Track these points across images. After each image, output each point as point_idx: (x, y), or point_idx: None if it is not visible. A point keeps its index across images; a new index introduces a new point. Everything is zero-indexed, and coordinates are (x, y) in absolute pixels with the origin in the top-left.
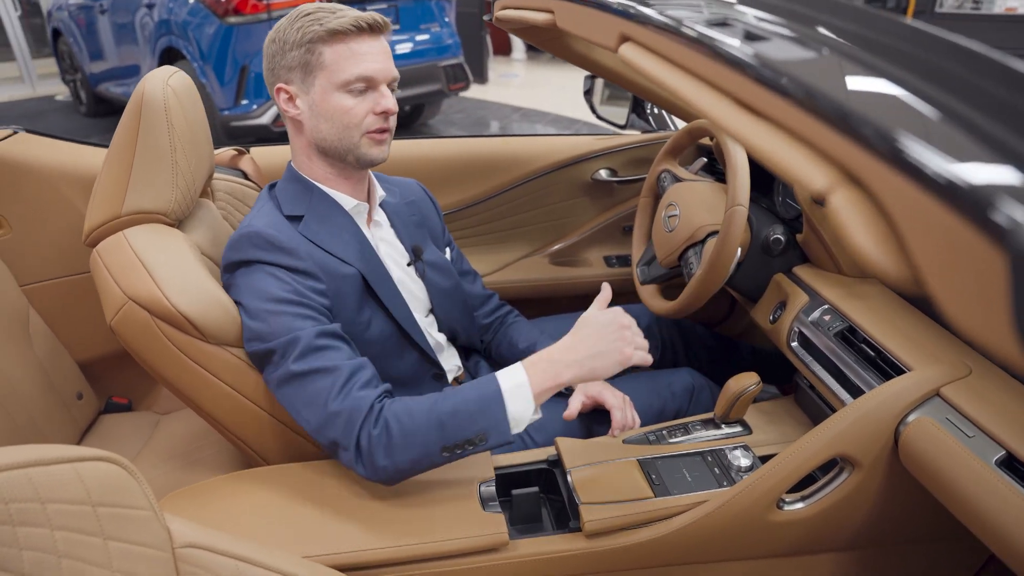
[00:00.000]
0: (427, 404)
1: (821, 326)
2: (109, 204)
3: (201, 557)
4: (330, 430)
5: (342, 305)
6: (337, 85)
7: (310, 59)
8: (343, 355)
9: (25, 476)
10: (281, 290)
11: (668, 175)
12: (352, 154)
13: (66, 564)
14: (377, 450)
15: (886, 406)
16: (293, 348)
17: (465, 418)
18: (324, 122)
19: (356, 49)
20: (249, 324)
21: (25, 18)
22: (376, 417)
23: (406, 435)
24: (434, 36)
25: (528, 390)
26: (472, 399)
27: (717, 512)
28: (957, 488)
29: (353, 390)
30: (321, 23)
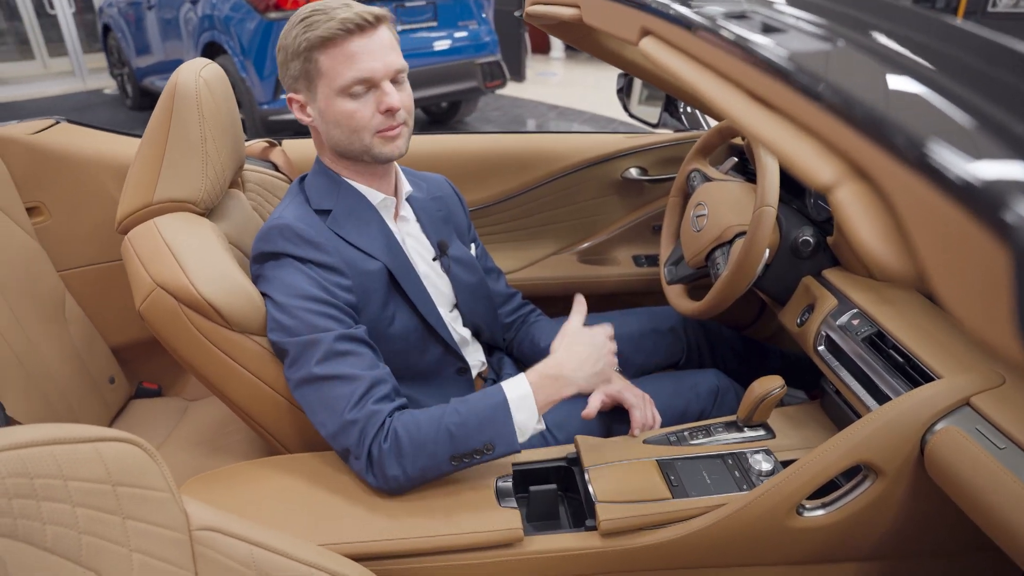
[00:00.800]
0: (436, 415)
1: (849, 330)
2: (141, 192)
3: (217, 540)
4: (344, 438)
5: (368, 301)
6: (337, 91)
7: (309, 68)
8: (364, 363)
9: (49, 453)
10: (308, 286)
11: (698, 174)
12: (367, 154)
13: (86, 540)
14: (388, 460)
15: (913, 413)
16: (315, 349)
17: (474, 428)
18: (333, 128)
19: (349, 51)
20: (274, 315)
21: (79, 14)
22: (387, 430)
23: (415, 445)
24: (471, 33)
25: (532, 401)
26: (479, 409)
27: (735, 516)
28: (985, 501)
29: (369, 403)
30: (313, 29)
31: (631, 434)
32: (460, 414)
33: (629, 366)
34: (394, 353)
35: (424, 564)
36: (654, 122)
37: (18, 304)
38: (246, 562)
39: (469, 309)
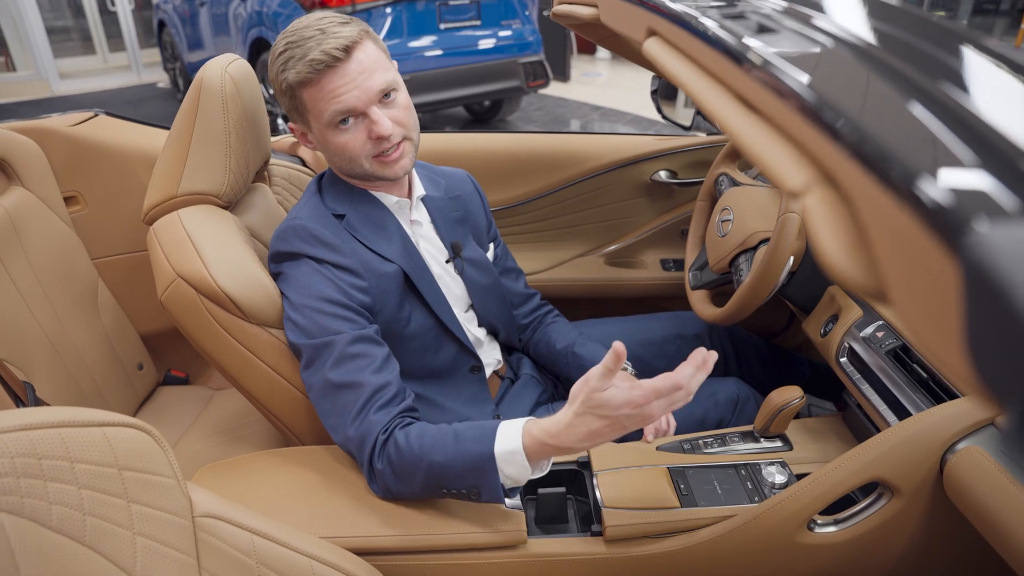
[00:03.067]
0: (429, 448)
1: (873, 343)
2: (166, 184)
3: (219, 528)
4: (349, 447)
5: (384, 302)
6: (325, 125)
7: (296, 104)
8: (373, 366)
9: (58, 435)
10: (324, 286)
11: (726, 179)
12: (371, 176)
13: (90, 522)
14: (387, 476)
15: (934, 431)
16: (328, 352)
17: (458, 472)
18: (333, 156)
19: (327, 87)
20: (290, 315)
21: (137, 11)
22: (385, 446)
23: (408, 469)
24: (515, 33)
25: (522, 457)
26: (467, 454)
27: (743, 528)
28: (1005, 525)
29: (371, 412)
30: (289, 69)
31: (644, 439)
32: (450, 451)
33: (651, 371)
34: (410, 352)
35: (425, 562)
36: (687, 125)
37: (52, 290)
38: (247, 550)
39: (484, 310)
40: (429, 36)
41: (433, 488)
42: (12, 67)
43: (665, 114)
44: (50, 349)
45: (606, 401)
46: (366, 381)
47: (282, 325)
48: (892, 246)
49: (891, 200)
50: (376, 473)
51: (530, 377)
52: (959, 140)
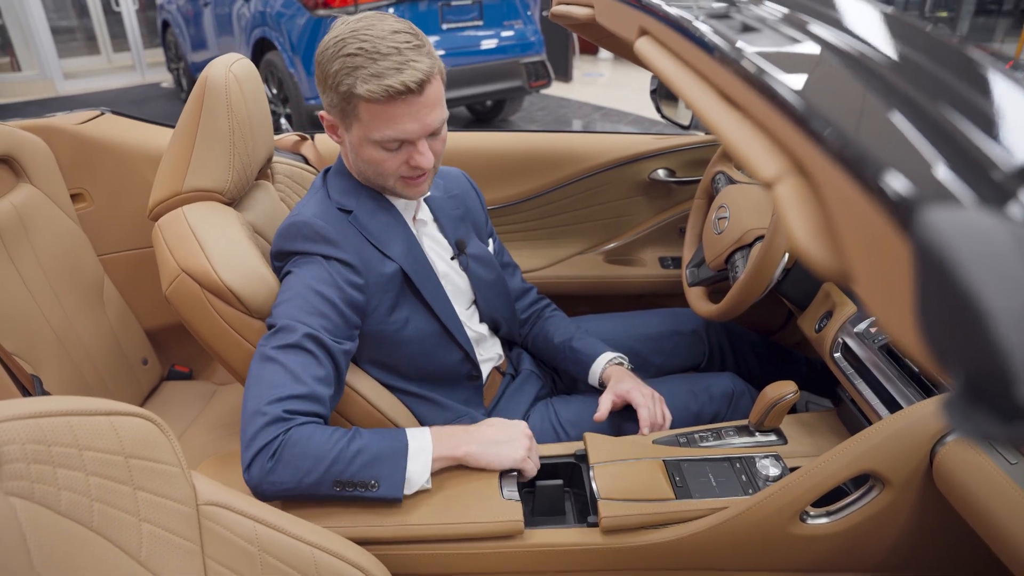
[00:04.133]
0: (336, 437)
1: (867, 338)
2: (171, 181)
3: (222, 515)
4: (249, 424)
5: (378, 303)
6: (371, 139)
7: (347, 108)
8: (319, 374)
9: (66, 423)
10: (321, 282)
11: (723, 177)
12: (387, 190)
13: (97, 508)
14: (279, 464)
15: (924, 424)
16: (293, 335)
17: (366, 461)
18: (361, 163)
19: (391, 113)
20: (282, 292)
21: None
22: (283, 436)
23: (298, 458)
24: (517, 33)
25: (429, 455)
26: (378, 446)
27: (736, 519)
28: (993, 516)
29: (294, 404)
30: (355, 77)
31: (640, 432)
32: (359, 441)
33: (648, 367)
34: (408, 356)
35: (424, 551)
36: (686, 124)
37: (59, 285)
38: (249, 538)
39: (487, 305)
40: (431, 36)
41: (327, 480)
42: (17, 67)
43: (664, 113)
44: (57, 343)
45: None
46: (307, 381)
47: None
48: (855, 230)
49: (854, 188)
50: (264, 460)
51: (530, 372)
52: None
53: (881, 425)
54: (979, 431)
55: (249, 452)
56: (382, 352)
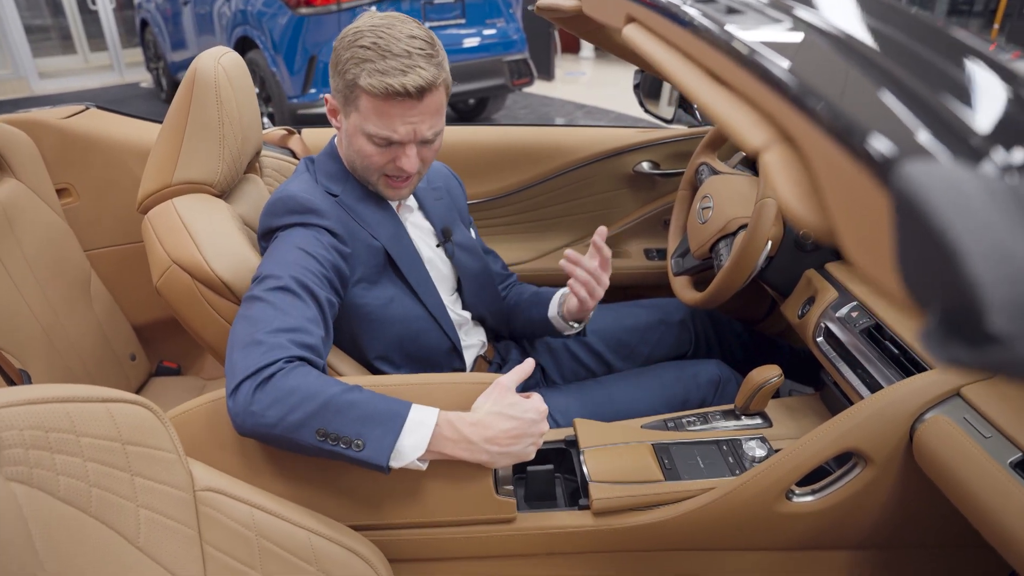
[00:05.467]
0: (335, 383)
1: (848, 322)
2: (161, 174)
3: (219, 501)
4: (240, 353)
5: (361, 275)
6: (364, 131)
7: (349, 96)
8: (310, 314)
9: (63, 410)
10: (308, 243)
11: (706, 168)
12: (370, 184)
13: (96, 493)
14: (249, 389)
15: (904, 403)
16: (279, 280)
17: (358, 415)
18: (352, 151)
19: (387, 111)
20: (268, 252)
21: (118, 10)
22: (282, 364)
23: (288, 393)
24: (500, 31)
25: (428, 433)
26: (377, 404)
27: (725, 499)
28: (969, 488)
29: (285, 337)
30: (362, 67)
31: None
32: (358, 394)
33: (636, 356)
34: (393, 338)
35: (419, 536)
36: (669, 118)
37: (46, 281)
38: (246, 523)
39: (473, 295)
40: None
41: (310, 424)
42: None
43: (647, 108)
44: (45, 338)
45: (520, 401)
46: (294, 315)
47: None
48: (838, 189)
49: (837, 151)
50: (251, 386)
51: (517, 362)
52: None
53: (862, 405)
54: (954, 358)
55: (236, 378)
56: (368, 333)
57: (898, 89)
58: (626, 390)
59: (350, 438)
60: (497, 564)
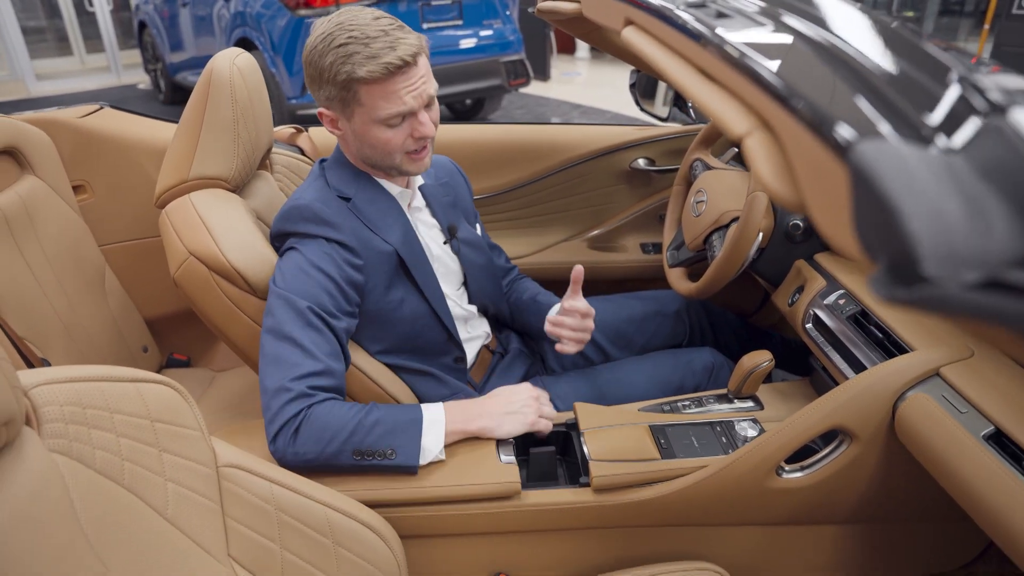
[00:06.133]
0: (356, 410)
1: (836, 309)
2: (178, 169)
3: (240, 477)
4: (272, 398)
5: (375, 282)
6: (374, 121)
7: (347, 96)
8: (327, 348)
9: (98, 388)
10: (324, 261)
11: (700, 163)
12: (394, 169)
13: (127, 467)
14: (291, 437)
15: (886, 382)
16: (297, 309)
17: (384, 431)
18: (367, 148)
19: (391, 89)
20: (281, 266)
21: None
22: (307, 412)
23: (321, 430)
24: (496, 32)
25: (442, 427)
26: (396, 418)
27: (718, 475)
28: (946, 461)
29: (311, 380)
30: (352, 63)
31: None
32: (377, 413)
33: (633, 345)
34: (402, 335)
35: (429, 512)
36: (664, 116)
37: (64, 274)
38: (266, 498)
39: (478, 286)
40: None
41: (347, 449)
42: None
43: (643, 107)
44: (63, 330)
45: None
46: (320, 357)
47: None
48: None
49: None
50: (281, 431)
51: (518, 351)
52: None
53: (848, 384)
54: (895, 297)
55: (274, 426)
56: (380, 331)
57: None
58: (624, 376)
59: (383, 450)
60: (502, 540)
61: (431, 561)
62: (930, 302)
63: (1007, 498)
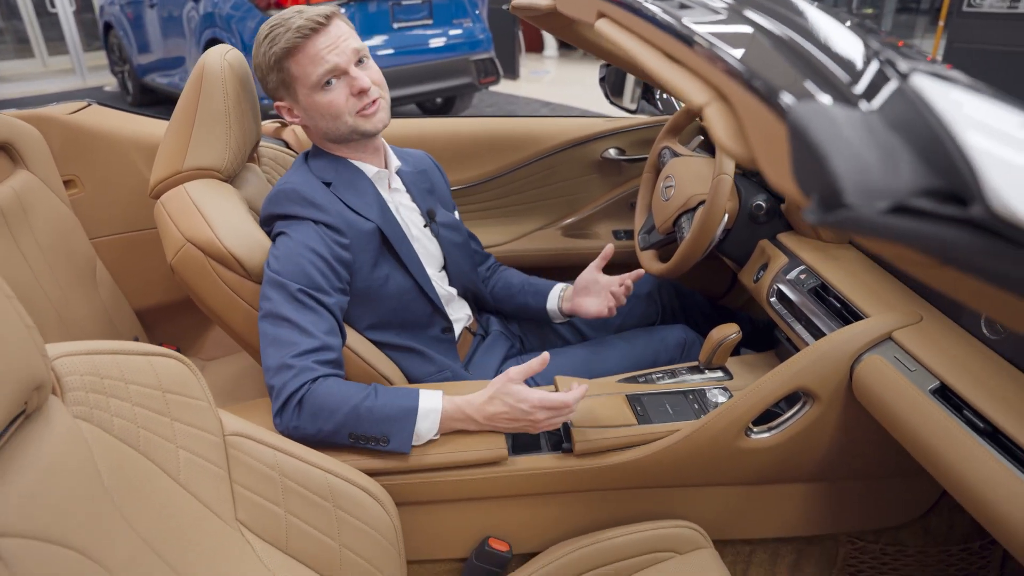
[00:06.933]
0: (355, 393)
1: (797, 284)
2: (172, 161)
3: (246, 445)
4: (276, 376)
5: (362, 260)
6: (312, 87)
7: (284, 76)
8: (323, 327)
9: (114, 361)
10: (315, 241)
11: (668, 151)
12: (354, 132)
13: (143, 434)
14: (295, 411)
15: (844, 346)
16: (291, 290)
17: (379, 418)
18: (319, 119)
19: (312, 52)
20: (274, 251)
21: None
22: (310, 386)
23: (320, 408)
24: (466, 31)
25: (437, 417)
26: (391, 405)
27: (691, 437)
28: (898, 415)
29: (310, 359)
30: (276, 43)
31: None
32: (374, 400)
33: (608, 325)
34: (390, 311)
35: (423, 479)
36: (633, 108)
37: (57, 267)
38: (271, 464)
39: (456, 268)
40: (382, 35)
41: (343, 431)
42: None
43: (613, 100)
44: (57, 320)
45: (515, 391)
46: (316, 334)
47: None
48: (756, 128)
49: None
50: (287, 406)
51: (499, 333)
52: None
53: (809, 349)
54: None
55: (279, 400)
56: (369, 308)
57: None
58: (601, 353)
59: (376, 437)
60: (490, 505)
61: (424, 526)
62: (850, 223)
63: (951, 443)
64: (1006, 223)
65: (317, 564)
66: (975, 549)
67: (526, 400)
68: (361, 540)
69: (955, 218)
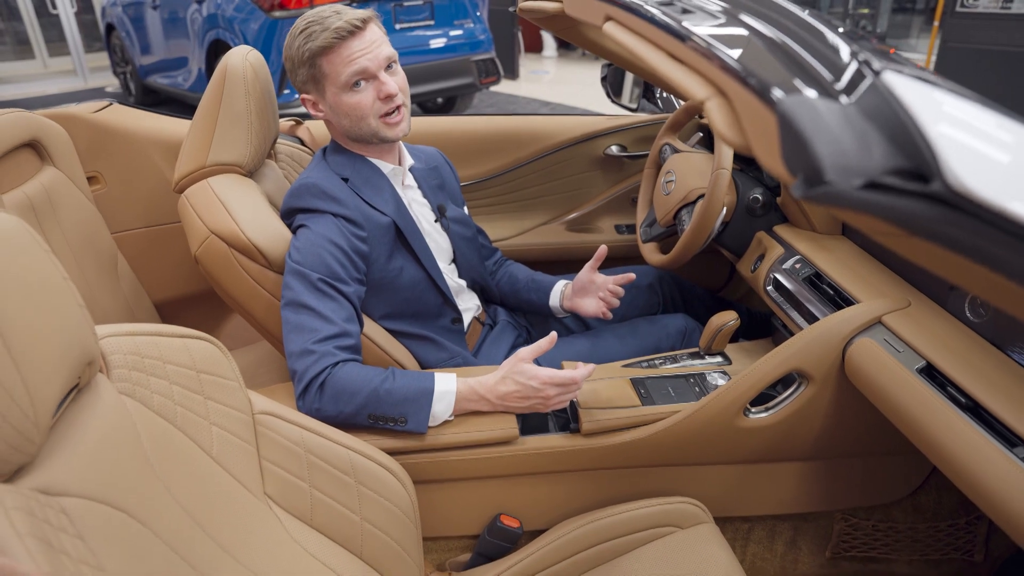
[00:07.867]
0: (374, 376)
1: (792, 273)
2: (196, 156)
3: (273, 423)
4: (298, 361)
5: (378, 252)
6: (341, 87)
7: (314, 73)
8: (343, 314)
9: (152, 342)
10: (335, 234)
11: (668, 147)
12: (375, 136)
13: (180, 411)
14: (317, 394)
15: (836, 329)
16: (313, 280)
17: (398, 399)
18: (344, 118)
19: (345, 54)
20: (296, 243)
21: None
22: (331, 370)
23: (341, 391)
24: (467, 32)
25: (452, 399)
26: (409, 387)
27: (692, 417)
28: (888, 392)
29: (331, 345)
30: (312, 40)
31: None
32: (392, 382)
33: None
34: (403, 301)
35: (438, 458)
36: (634, 107)
37: (82, 260)
38: (296, 441)
39: (465, 260)
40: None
41: (363, 412)
42: None
43: (614, 99)
44: None
45: (525, 369)
46: (336, 321)
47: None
48: (750, 118)
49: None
50: (309, 390)
51: (506, 323)
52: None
53: (803, 332)
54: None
55: (302, 384)
56: (384, 298)
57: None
58: (605, 341)
59: (395, 418)
60: (501, 483)
61: (438, 504)
62: (830, 197)
63: (936, 417)
64: (961, 197)
65: (340, 537)
66: (961, 525)
67: (536, 377)
68: (382, 515)
69: (918, 193)
